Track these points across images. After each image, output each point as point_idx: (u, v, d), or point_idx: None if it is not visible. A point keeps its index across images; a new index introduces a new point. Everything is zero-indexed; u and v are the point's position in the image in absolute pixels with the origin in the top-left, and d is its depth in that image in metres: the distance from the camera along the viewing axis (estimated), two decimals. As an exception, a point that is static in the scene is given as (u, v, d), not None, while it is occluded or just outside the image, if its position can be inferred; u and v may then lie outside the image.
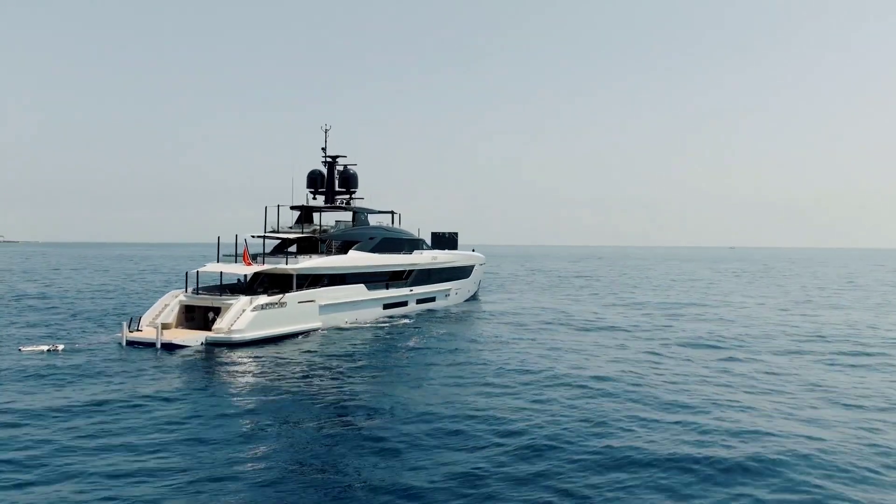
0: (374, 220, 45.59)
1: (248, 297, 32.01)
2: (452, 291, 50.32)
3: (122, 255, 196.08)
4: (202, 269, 34.94)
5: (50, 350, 27.58)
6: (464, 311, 46.32)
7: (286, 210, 41.39)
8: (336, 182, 44.04)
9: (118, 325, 31.91)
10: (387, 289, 41.63)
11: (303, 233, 39.65)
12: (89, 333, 33.40)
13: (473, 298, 55.44)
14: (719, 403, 20.47)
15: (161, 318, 31.68)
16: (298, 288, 34.93)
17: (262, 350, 29.35)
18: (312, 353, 29.01)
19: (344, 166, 44.37)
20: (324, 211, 43.36)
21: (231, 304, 31.45)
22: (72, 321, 38.49)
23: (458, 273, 51.28)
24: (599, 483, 13.86)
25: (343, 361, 27.06)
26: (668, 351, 30.36)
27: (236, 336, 29.96)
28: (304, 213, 42.23)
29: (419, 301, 45.33)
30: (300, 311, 33.66)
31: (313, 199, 43.60)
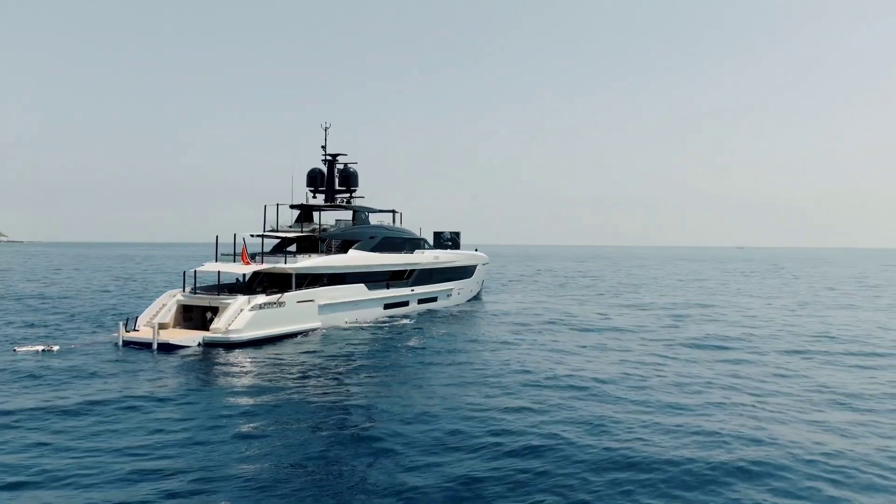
0: (375, 219, 45.21)
1: (246, 297, 31.67)
2: (455, 291, 49.89)
3: (126, 254, 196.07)
4: (200, 269, 34.63)
5: (45, 350, 27.28)
6: (466, 312, 45.92)
7: (286, 209, 41.10)
8: (336, 181, 43.67)
9: (116, 325, 31.60)
10: (387, 288, 41.24)
11: (302, 232, 39.29)
12: (86, 333, 33.12)
13: (476, 299, 55.02)
14: (725, 405, 20.13)
15: (158, 318, 31.36)
16: (298, 287, 34.57)
17: (260, 350, 29.04)
18: (311, 353, 28.67)
19: (344, 165, 44.01)
20: (324, 210, 43.02)
21: (229, 303, 31.12)
22: (70, 321, 38.22)
23: (460, 273, 50.85)
24: (600, 486, 13.54)
25: (342, 362, 26.72)
26: (674, 352, 29.98)
27: (234, 336, 29.62)
28: (304, 212, 41.90)
29: (420, 301, 44.92)
30: (299, 310, 33.30)
31: (313, 197, 43.28)
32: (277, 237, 39.56)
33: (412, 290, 43.82)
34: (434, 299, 46.80)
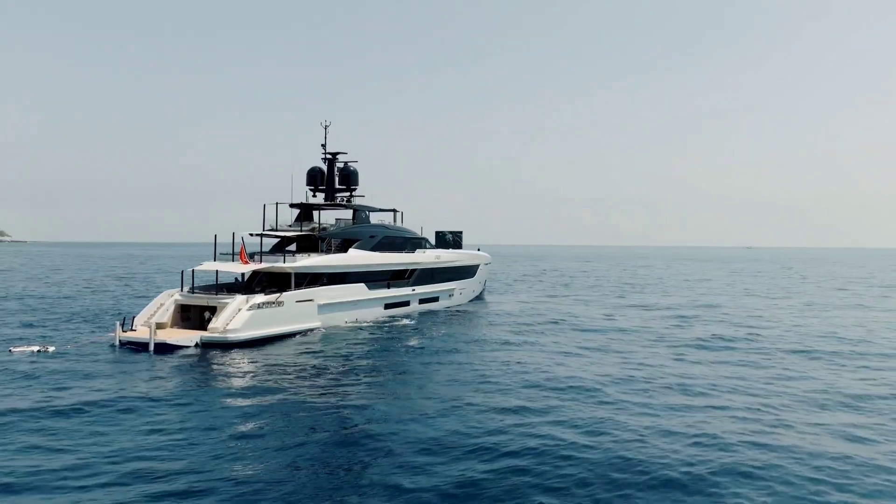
0: (376, 218, 44.81)
1: (244, 296, 31.37)
2: (457, 291, 49.50)
3: (131, 254, 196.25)
4: (198, 268, 34.36)
5: (40, 351, 26.99)
6: (468, 312, 45.55)
7: (285, 208, 40.78)
8: (336, 179, 43.34)
9: (114, 325, 31.30)
10: (388, 288, 40.88)
11: (302, 231, 38.96)
12: (84, 333, 32.85)
13: (479, 299, 54.64)
14: (727, 408, 19.74)
15: (156, 318, 31.05)
16: (297, 287, 34.24)
17: (258, 350, 28.73)
18: (309, 353, 28.35)
19: (344, 163, 43.67)
20: (323, 209, 42.68)
21: (227, 303, 30.81)
22: (69, 321, 37.99)
23: (462, 272, 50.46)
24: (600, 488, 13.19)
25: (341, 362, 26.39)
26: (678, 353, 29.52)
27: (231, 336, 29.30)
28: (304, 211, 41.56)
29: (422, 301, 44.54)
30: (298, 310, 32.97)
31: (313, 196, 42.97)
32: (277, 236, 39.26)
33: (413, 290, 43.45)
34: (436, 299, 46.41)
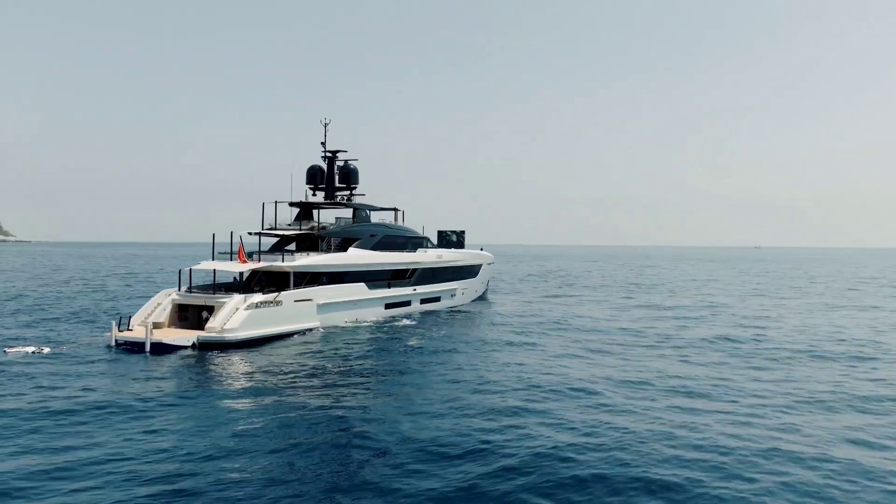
0: (376, 217, 44.40)
1: (242, 296, 31.02)
2: (458, 291, 49.05)
3: (135, 254, 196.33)
4: (196, 267, 34.02)
5: (34, 352, 26.67)
6: (470, 312, 45.13)
7: (285, 207, 40.41)
8: (336, 178, 42.94)
9: (110, 324, 30.97)
10: (389, 288, 40.46)
11: (301, 230, 38.58)
12: (81, 334, 32.54)
13: (481, 299, 54.20)
14: (731, 410, 19.33)
15: (153, 318, 30.71)
16: (296, 286, 33.87)
17: (256, 350, 28.41)
18: (308, 353, 28.00)
19: (344, 161, 43.26)
20: (323, 207, 42.28)
21: (224, 302, 30.45)
22: (67, 321, 37.75)
23: (464, 272, 50.00)
24: (600, 490, 12.84)
25: (339, 363, 26.02)
26: (689, 356, 29.02)
27: (229, 336, 28.95)
28: (303, 210, 41.18)
29: (423, 301, 44.12)
30: (296, 310, 32.60)
31: (313, 195, 42.58)
32: (276, 235, 38.88)
33: (414, 290, 43.02)
34: (437, 299, 45.98)
